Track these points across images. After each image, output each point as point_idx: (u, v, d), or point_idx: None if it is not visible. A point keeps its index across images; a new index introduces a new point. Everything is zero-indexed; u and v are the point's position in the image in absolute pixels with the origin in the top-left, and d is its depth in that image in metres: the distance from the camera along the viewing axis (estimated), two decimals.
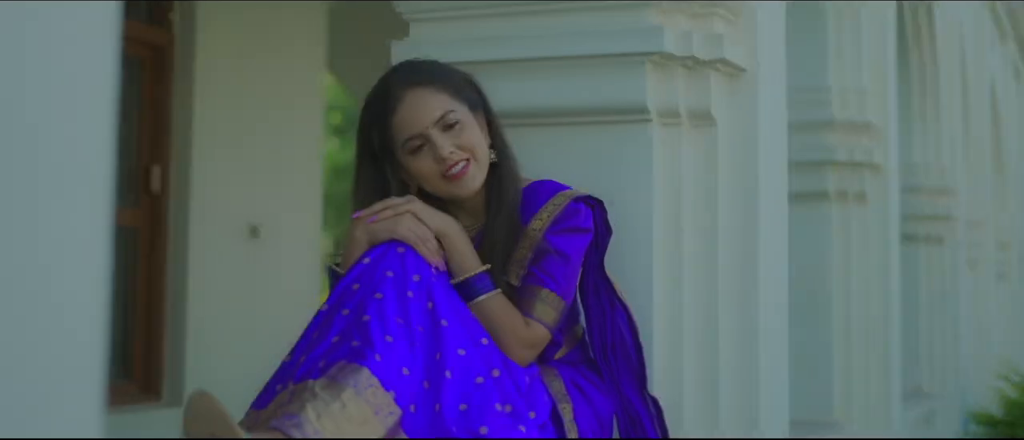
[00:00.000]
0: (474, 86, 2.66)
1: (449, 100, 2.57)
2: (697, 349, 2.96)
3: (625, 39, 2.90)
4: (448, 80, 2.60)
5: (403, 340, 2.29)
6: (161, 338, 5.94)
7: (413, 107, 2.54)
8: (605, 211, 2.68)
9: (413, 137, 2.55)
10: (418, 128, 2.54)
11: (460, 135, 2.56)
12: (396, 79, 2.59)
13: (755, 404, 3.00)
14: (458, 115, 2.56)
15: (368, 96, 2.63)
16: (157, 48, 5.99)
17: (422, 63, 2.65)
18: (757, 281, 3.01)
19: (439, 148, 2.53)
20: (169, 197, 5.98)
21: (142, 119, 5.97)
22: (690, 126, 2.98)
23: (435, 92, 2.56)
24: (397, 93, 2.56)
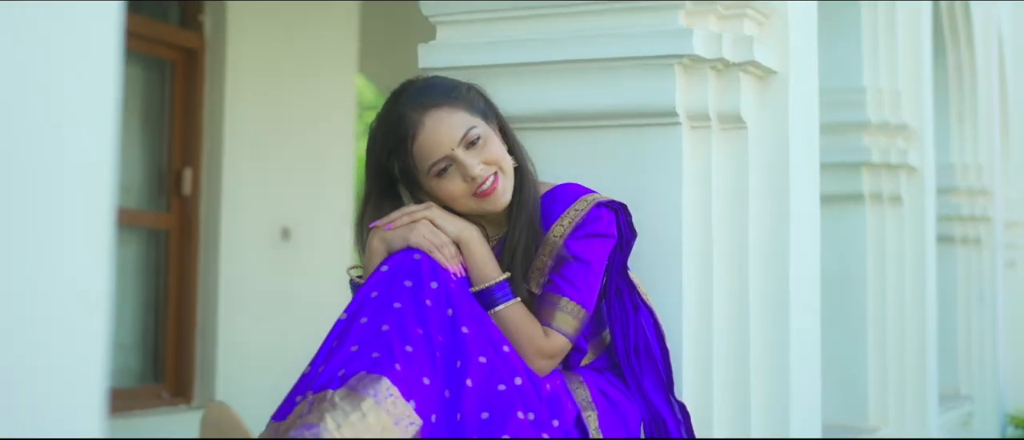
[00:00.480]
0: (482, 95, 2.61)
1: (468, 116, 2.51)
2: (727, 353, 2.93)
3: (654, 42, 2.86)
4: (460, 95, 2.54)
5: (423, 349, 2.26)
6: (192, 341, 5.94)
7: (434, 131, 2.48)
8: (629, 214, 2.64)
9: (438, 161, 2.50)
10: (443, 151, 2.49)
11: (484, 150, 2.51)
12: (408, 104, 2.52)
13: (786, 408, 2.96)
14: (479, 130, 2.51)
15: (377, 125, 2.56)
16: (188, 51, 5.99)
17: (427, 82, 2.58)
18: (788, 284, 2.97)
19: (468, 168, 2.48)
20: (200, 200, 5.98)
21: (173, 122, 5.97)
22: (720, 129, 2.95)
23: (452, 111, 2.50)
24: (414, 118, 2.49)
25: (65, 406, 1.14)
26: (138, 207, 5.90)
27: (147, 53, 5.88)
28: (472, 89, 2.58)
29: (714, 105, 2.92)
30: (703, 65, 2.88)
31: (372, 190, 2.58)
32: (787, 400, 2.96)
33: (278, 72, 6.29)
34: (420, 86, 2.55)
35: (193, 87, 5.98)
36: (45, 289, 1.11)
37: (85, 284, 1.12)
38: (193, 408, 5.87)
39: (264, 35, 6.20)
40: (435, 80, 2.58)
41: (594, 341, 2.66)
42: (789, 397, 2.97)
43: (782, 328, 2.96)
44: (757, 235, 2.96)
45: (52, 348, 1.13)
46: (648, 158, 2.90)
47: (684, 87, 2.88)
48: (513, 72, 2.98)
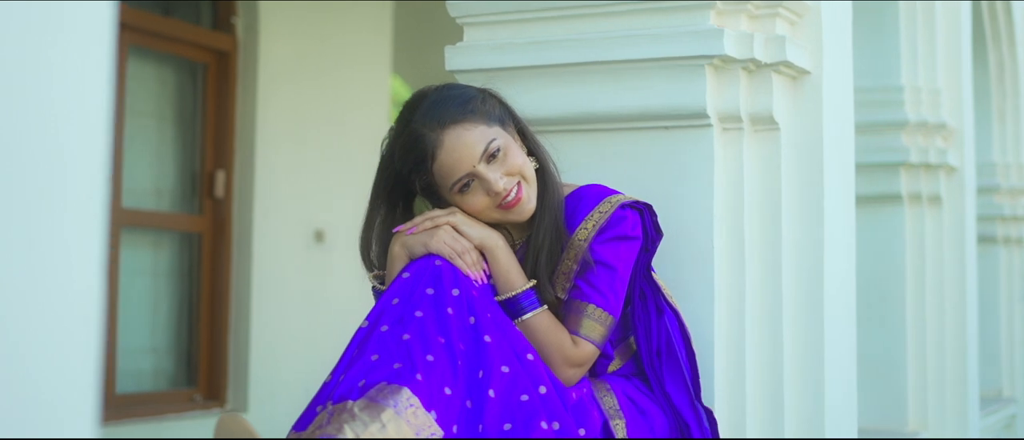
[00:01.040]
0: (497, 100, 2.55)
1: (486, 129, 2.45)
2: (760, 357, 2.88)
3: (683, 42, 2.81)
4: (476, 107, 2.47)
5: (444, 358, 2.22)
6: (225, 344, 5.92)
7: (454, 149, 2.42)
8: (654, 214, 2.59)
9: (460, 178, 2.45)
10: (465, 169, 2.43)
11: (505, 160, 2.46)
12: (423, 122, 2.45)
13: (821, 412, 2.91)
14: (499, 141, 2.45)
15: (393, 141, 2.50)
16: (221, 53, 5.98)
17: (440, 95, 2.49)
18: (822, 287, 2.91)
19: (492, 183, 2.43)
20: (233, 202, 5.96)
21: (206, 124, 5.96)
22: (752, 130, 2.90)
23: (470, 126, 2.44)
24: (432, 138, 2.43)
25: (57, 406, 1.13)
26: (171, 210, 5.89)
27: (180, 55, 5.87)
28: (487, 97, 2.52)
29: (746, 106, 2.86)
30: (734, 66, 2.83)
31: (381, 204, 2.53)
32: (821, 404, 2.91)
33: (311, 73, 6.27)
34: (434, 100, 2.47)
35: (225, 89, 5.97)
36: (38, 289, 1.09)
37: (79, 284, 1.10)
38: (226, 411, 5.85)
39: (296, 36, 6.18)
40: (448, 93, 2.50)
41: (621, 347, 2.61)
42: (823, 401, 2.91)
43: (816, 331, 2.91)
44: (790, 238, 2.91)
45: (45, 348, 1.12)
46: (679, 160, 2.85)
47: (715, 88, 2.83)
48: (541, 74, 2.93)
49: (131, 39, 5.56)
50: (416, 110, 2.47)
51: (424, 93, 2.51)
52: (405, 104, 2.52)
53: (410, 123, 2.46)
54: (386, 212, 2.53)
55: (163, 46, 5.78)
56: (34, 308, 1.10)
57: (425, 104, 2.47)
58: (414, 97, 2.52)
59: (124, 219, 5.52)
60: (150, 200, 5.79)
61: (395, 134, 2.50)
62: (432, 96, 2.48)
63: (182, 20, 5.87)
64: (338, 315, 6.25)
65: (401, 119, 2.50)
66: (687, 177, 2.84)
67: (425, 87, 2.54)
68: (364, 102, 6.65)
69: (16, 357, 1.10)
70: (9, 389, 1.09)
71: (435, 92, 2.50)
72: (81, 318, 1.11)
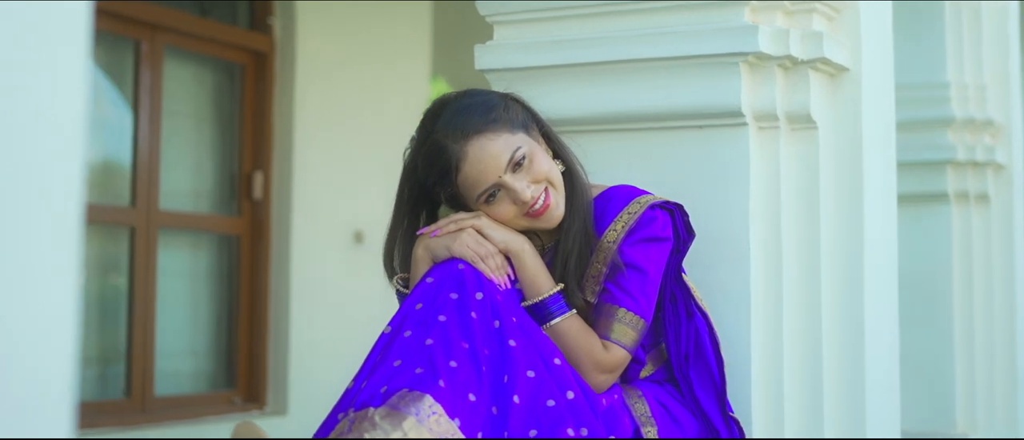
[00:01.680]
0: (519, 104, 2.49)
1: (509, 137, 2.40)
2: (798, 360, 2.81)
3: (717, 39, 2.75)
4: (499, 115, 2.41)
5: (468, 364, 2.17)
6: (264, 347, 5.90)
7: (478, 160, 2.38)
8: (685, 214, 2.53)
9: (486, 189, 2.40)
10: (490, 180, 2.39)
11: (531, 168, 2.40)
12: (446, 133, 2.39)
13: (861, 416, 2.85)
14: (524, 149, 2.40)
15: (416, 152, 2.46)
16: (258, 54, 5.96)
17: (461, 103, 2.43)
18: (862, 288, 2.84)
19: (519, 193, 2.38)
20: (271, 204, 5.94)
21: (243, 126, 5.94)
22: (789, 129, 2.83)
23: (494, 136, 2.38)
24: (455, 150, 2.38)
25: (35, 406, 1.13)
26: (209, 212, 5.87)
27: (217, 56, 5.85)
28: (510, 103, 2.47)
29: (782, 104, 2.80)
30: (770, 63, 2.77)
31: (405, 214, 2.48)
32: (862, 407, 2.85)
33: (349, 73, 6.24)
34: (456, 109, 2.42)
35: (263, 90, 5.95)
36: (12, 290, 1.05)
37: (54, 285, 1.07)
38: (266, 414, 5.83)
39: (334, 35, 6.15)
40: (471, 101, 2.44)
41: (654, 352, 2.55)
42: (864, 404, 2.85)
43: (856, 335, 2.84)
44: (829, 239, 2.84)
45: (20, 348, 1.11)
46: (714, 160, 2.79)
47: (750, 86, 2.77)
48: (573, 73, 2.88)
49: (167, 40, 5.54)
50: (438, 119, 2.42)
51: (445, 101, 2.46)
52: (426, 112, 2.47)
53: (433, 134, 2.41)
54: (410, 221, 2.48)
55: (200, 47, 5.76)
56: (9, 308, 1.08)
57: (447, 113, 2.41)
58: (435, 105, 2.47)
59: (161, 221, 5.51)
60: (188, 202, 5.78)
61: (417, 144, 2.45)
62: (454, 104, 2.43)
63: (219, 21, 5.85)
64: (378, 316, 6.18)
65: (423, 129, 2.45)
66: (722, 177, 2.78)
67: (446, 94, 2.49)
68: (403, 102, 6.60)
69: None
70: None
71: (457, 100, 2.44)
72: (57, 318, 1.10)
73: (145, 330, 5.38)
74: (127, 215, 5.38)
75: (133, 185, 5.40)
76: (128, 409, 5.31)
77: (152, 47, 5.45)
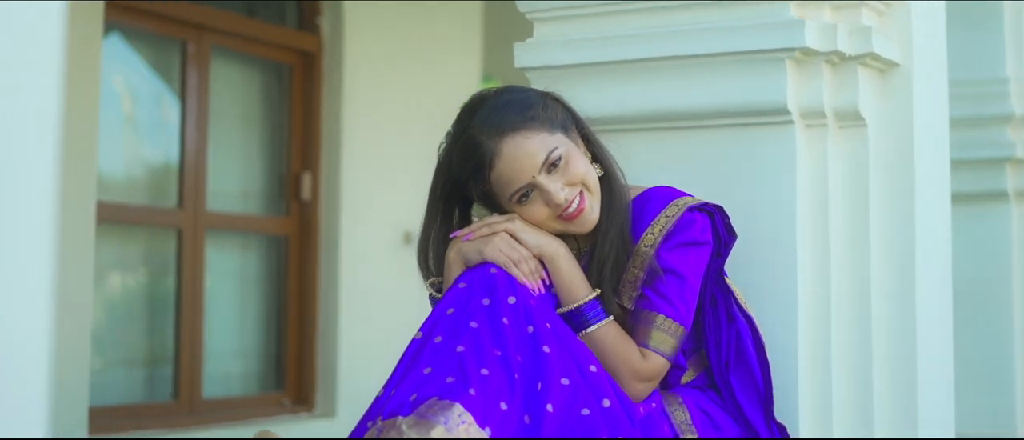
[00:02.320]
0: (560, 104, 2.43)
1: (546, 137, 2.33)
2: (848, 366, 2.73)
3: (762, 35, 2.67)
4: (536, 113, 2.35)
5: (500, 372, 2.10)
6: (313, 348, 5.87)
7: (513, 159, 2.31)
8: (725, 216, 2.45)
9: (519, 189, 2.34)
10: (524, 179, 2.32)
11: (567, 170, 2.33)
12: (481, 129, 2.34)
13: (913, 421, 2.77)
14: (561, 150, 2.33)
15: (450, 147, 2.40)
16: (306, 54, 5.93)
17: (499, 99, 2.38)
18: (914, 290, 2.77)
19: (552, 194, 2.32)
20: (320, 205, 5.91)
21: (292, 126, 5.91)
22: (837, 127, 2.75)
23: (530, 134, 2.32)
24: (490, 147, 2.32)
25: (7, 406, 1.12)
26: (258, 213, 5.85)
27: (265, 57, 5.83)
28: (548, 102, 2.40)
29: (830, 101, 2.72)
30: (817, 59, 2.69)
31: (438, 210, 2.42)
32: (914, 413, 2.77)
33: (398, 73, 6.19)
34: (493, 105, 2.37)
35: (311, 90, 5.93)
36: None
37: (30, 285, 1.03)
38: (315, 416, 5.80)
39: (383, 35, 6.11)
40: (508, 97, 2.38)
41: (695, 357, 2.47)
42: (916, 410, 2.77)
43: (908, 337, 2.77)
44: (879, 241, 2.77)
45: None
46: (759, 160, 2.72)
47: (796, 83, 2.70)
48: (613, 70, 2.81)
49: (214, 40, 5.52)
50: (474, 115, 2.36)
51: (483, 96, 2.40)
52: (463, 107, 2.42)
53: (468, 129, 2.35)
54: (443, 218, 2.42)
55: (247, 47, 5.74)
56: None
57: (484, 109, 2.36)
58: (473, 100, 2.41)
59: (208, 222, 5.50)
60: (236, 203, 5.76)
61: (452, 139, 2.39)
62: (491, 100, 2.37)
63: (266, 21, 5.83)
64: None
65: (459, 123, 2.39)
66: (768, 177, 2.71)
67: (484, 89, 2.44)
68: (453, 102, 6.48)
69: None
70: None
71: (495, 96, 2.39)
72: (32, 318, 1.04)
73: (193, 332, 5.37)
74: (174, 217, 5.37)
75: (180, 187, 5.39)
76: (176, 411, 5.29)
77: (199, 48, 5.44)
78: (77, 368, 4.68)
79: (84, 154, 4.75)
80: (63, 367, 4.64)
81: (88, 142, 4.76)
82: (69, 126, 4.73)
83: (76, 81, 4.72)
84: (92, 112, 4.79)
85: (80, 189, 4.73)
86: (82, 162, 4.74)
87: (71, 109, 4.74)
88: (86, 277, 4.75)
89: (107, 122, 5.12)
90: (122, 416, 5.08)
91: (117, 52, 5.29)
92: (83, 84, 4.74)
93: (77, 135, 4.73)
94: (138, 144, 5.44)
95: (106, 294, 5.25)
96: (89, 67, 4.78)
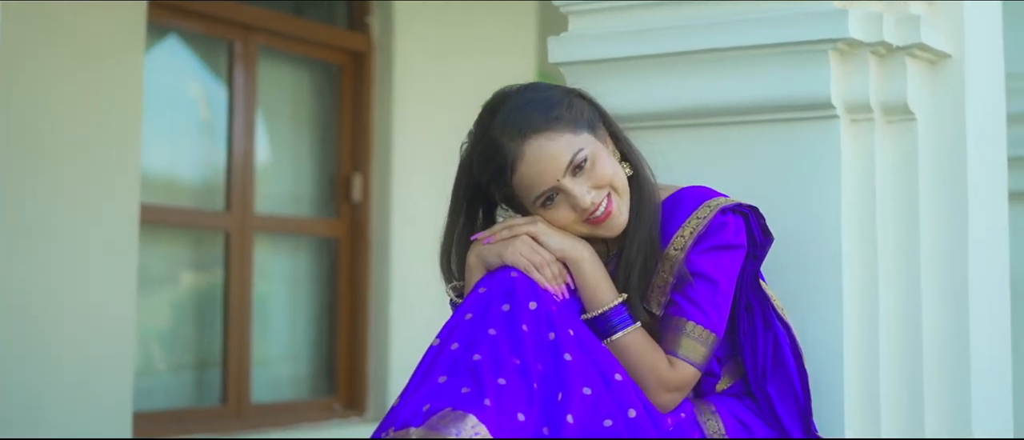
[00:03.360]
0: (586, 101, 2.32)
1: (571, 138, 2.22)
2: (897, 369, 2.61)
3: (804, 25, 2.56)
4: (561, 113, 2.24)
5: (518, 381, 2.00)
6: (364, 352, 5.82)
7: (536, 162, 2.21)
8: (761, 217, 2.33)
9: (543, 193, 2.23)
10: (548, 183, 2.22)
11: (593, 172, 2.23)
12: (503, 130, 2.23)
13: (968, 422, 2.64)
14: (586, 151, 2.22)
15: (472, 148, 2.31)
16: (356, 54, 5.88)
17: (522, 98, 2.27)
18: (967, 291, 2.64)
19: (578, 198, 2.21)
20: (371, 206, 5.86)
21: (342, 127, 5.86)
22: (884, 121, 2.64)
23: (554, 136, 2.21)
24: (511, 149, 2.22)
25: None
26: (308, 215, 5.80)
27: (314, 57, 5.78)
28: (574, 100, 2.29)
29: (876, 95, 2.61)
30: (862, 50, 2.58)
31: (460, 211, 2.33)
32: (968, 422, 2.64)
33: (449, 72, 6.11)
34: (515, 104, 2.26)
35: (361, 90, 5.88)
36: None
37: None
38: (366, 420, 5.74)
39: (434, 34, 6.05)
40: (531, 96, 2.27)
41: (730, 364, 2.35)
42: (970, 422, 2.64)
43: (961, 339, 2.64)
44: (930, 240, 2.64)
45: None
46: (802, 156, 2.61)
47: (841, 75, 2.59)
48: (650, 64, 2.72)
49: (261, 40, 5.47)
50: (496, 115, 2.26)
51: (505, 94, 2.29)
52: (485, 105, 2.31)
53: (489, 130, 2.25)
54: (466, 220, 2.32)
55: (296, 48, 5.69)
56: None
57: (506, 109, 2.26)
58: (495, 98, 2.31)
59: (256, 225, 5.45)
60: (286, 205, 5.72)
61: (474, 139, 2.29)
62: (514, 99, 2.27)
63: (315, 21, 5.77)
64: None
65: (480, 123, 2.29)
66: (811, 174, 2.60)
67: (508, 86, 2.32)
68: None
69: None
70: None
71: (517, 94, 2.28)
72: None
73: (241, 336, 5.33)
74: (222, 220, 5.33)
75: (227, 189, 5.34)
76: (224, 415, 5.26)
77: (246, 48, 5.39)
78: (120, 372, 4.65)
79: (127, 157, 4.72)
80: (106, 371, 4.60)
81: (131, 145, 4.73)
82: (112, 128, 4.69)
83: (118, 83, 4.68)
84: (135, 114, 4.76)
85: (123, 192, 4.70)
86: (125, 165, 4.71)
87: (113, 111, 4.70)
88: (129, 280, 4.72)
89: (155, 124, 5.08)
90: (168, 421, 5.04)
91: (164, 53, 5.25)
92: (125, 85, 4.71)
93: (120, 137, 4.69)
94: (186, 146, 5.40)
95: (153, 297, 5.21)
96: (131, 69, 4.75)
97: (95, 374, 4.58)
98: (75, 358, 4.54)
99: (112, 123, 4.70)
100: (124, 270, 4.70)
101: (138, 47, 4.77)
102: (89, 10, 4.62)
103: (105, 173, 4.67)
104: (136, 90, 4.75)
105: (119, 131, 4.71)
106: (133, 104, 4.74)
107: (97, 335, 4.60)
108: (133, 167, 4.74)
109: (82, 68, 4.62)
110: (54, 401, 4.49)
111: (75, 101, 4.59)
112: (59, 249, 4.54)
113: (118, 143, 4.69)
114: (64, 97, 4.56)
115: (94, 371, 4.58)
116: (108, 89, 4.68)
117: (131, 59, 4.74)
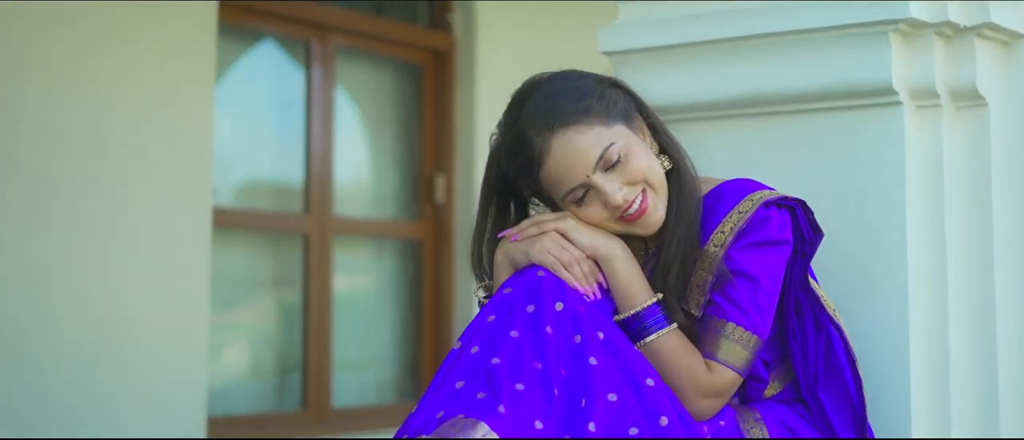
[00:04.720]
0: (621, 90, 2.19)
1: (603, 131, 2.10)
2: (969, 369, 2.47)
3: (863, 7, 2.43)
4: (592, 105, 2.12)
5: (538, 387, 1.89)
6: None
7: (564, 157, 2.09)
8: (809, 212, 2.19)
9: (573, 189, 2.11)
10: (577, 179, 2.09)
11: (627, 167, 2.09)
12: (531, 122, 2.12)
13: None
14: (618, 146, 2.09)
15: (500, 139, 2.20)
16: (438, 53, 5.82)
17: (552, 89, 2.17)
18: None
19: (609, 196, 2.08)
20: (454, 207, 5.80)
21: (425, 128, 5.80)
22: (952, 107, 2.50)
23: (584, 130, 2.09)
24: (538, 143, 2.10)
25: None
26: (391, 217, 5.75)
27: (395, 56, 5.73)
28: (606, 90, 2.17)
29: (943, 79, 2.47)
30: (926, 31, 2.44)
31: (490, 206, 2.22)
32: None
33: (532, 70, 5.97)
34: (545, 94, 2.15)
35: (444, 90, 5.83)
36: None
37: None
38: None
39: (517, 33, 5.98)
40: (562, 86, 2.16)
41: (780, 368, 2.20)
42: None
43: None
44: (1004, 232, 2.49)
45: None
46: (863, 146, 2.47)
47: (903, 59, 2.45)
48: (702, 51, 2.61)
49: (339, 40, 5.43)
50: (524, 105, 2.16)
51: (536, 83, 2.19)
52: (514, 95, 2.21)
53: (517, 121, 2.15)
54: (496, 214, 2.21)
55: (377, 47, 5.65)
56: None
57: (535, 99, 2.15)
58: (524, 87, 2.20)
59: (336, 227, 5.41)
60: (368, 207, 5.67)
61: (502, 130, 2.19)
62: (544, 88, 2.16)
63: (397, 20, 5.72)
64: None
65: (509, 113, 2.19)
66: (873, 164, 2.46)
67: (539, 75, 2.21)
68: None
69: None
70: None
71: (548, 83, 2.17)
72: None
73: (321, 340, 5.29)
74: (300, 222, 5.29)
75: (306, 192, 5.31)
76: (305, 420, 5.23)
77: (323, 48, 5.35)
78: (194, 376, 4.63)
79: (199, 159, 4.69)
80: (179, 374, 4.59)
81: (202, 147, 4.71)
82: (183, 132, 4.67)
83: (188, 84, 4.66)
84: (206, 116, 4.74)
85: (195, 195, 4.69)
86: (197, 168, 4.70)
87: (184, 113, 4.68)
88: (202, 283, 4.70)
89: (230, 126, 5.06)
90: (248, 425, 5.02)
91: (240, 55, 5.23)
92: (196, 86, 4.69)
93: (191, 141, 4.67)
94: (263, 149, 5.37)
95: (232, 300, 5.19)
96: (202, 69, 4.72)
97: (168, 377, 4.58)
98: (148, 361, 4.54)
99: (183, 126, 4.69)
100: (198, 273, 4.68)
101: (208, 48, 4.75)
102: (161, 10, 4.61)
103: (178, 176, 4.66)
104: (206, 92, 4.73)
105: (190, 134, 4.69)
106: (203, 106, 4.72)
107: (171, 338, 4.60)
108: (205, 170, 4.72)
109: (154, 70, 4.62)
110: (127, 403, 4.49)
111: (148, 104, 4.59)
112: (133, 252, 4.54)
113: (189, 146, 4.68)
114: (138, 99, 4.56)
115: (167, 374, 4.57)
116: (179, 91, 4.68)
117: (200, 60, 4.72)
